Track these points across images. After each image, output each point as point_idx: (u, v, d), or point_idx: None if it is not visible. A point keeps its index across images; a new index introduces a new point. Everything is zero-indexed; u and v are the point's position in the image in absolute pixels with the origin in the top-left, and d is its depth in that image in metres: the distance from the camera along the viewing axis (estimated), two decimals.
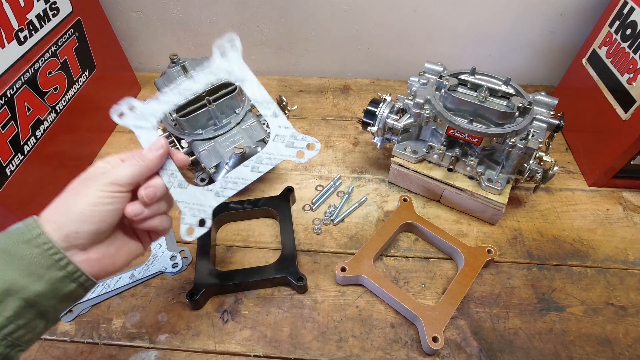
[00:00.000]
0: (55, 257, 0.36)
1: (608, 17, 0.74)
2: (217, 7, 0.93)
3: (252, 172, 0.45)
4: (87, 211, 0.38)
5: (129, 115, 0.45)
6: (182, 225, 0.43)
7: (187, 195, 0.44)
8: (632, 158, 0.68)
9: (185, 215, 0.43)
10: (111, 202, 0.39)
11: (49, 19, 0.69)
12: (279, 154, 0.46)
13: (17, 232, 0.36)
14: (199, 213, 0.44)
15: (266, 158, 0.46)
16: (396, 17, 0.92)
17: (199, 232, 0.43)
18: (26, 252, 0.35)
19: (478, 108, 0.62)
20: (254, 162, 0.45)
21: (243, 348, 0.56)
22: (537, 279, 0.63)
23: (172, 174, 0.44)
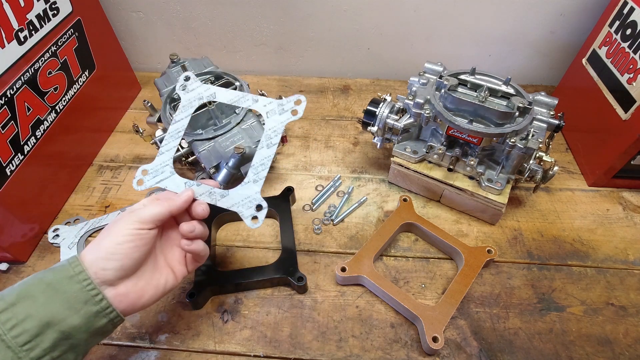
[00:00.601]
0: (92, 293, 0.40)
1: (608, 17, 0.74)
2: (217, 7, 0.93)
3: (269, 149, 0.50)
4: (112, 248, 0.41)
5: (147, 178, 0.51)
6: (246, 219, 0.48)
7: (233, 198, 0.49)
8: (632, 158, 0.68)
9: (243, 212, 0.48)
10: (134, 239, 0.42)
11: (49, 19, 0.69)
12: (279, 122, 0.51)
13: (62, 269, 0.40)
14: (251, 203, 0.49)
15: (272, 132, 0.51)
16: (396, 17, 0.92)
17: (262, 214, 0.48)
18: (68, 288, 0.39)
19: (478, 108, 0.62)
20: (265, 141, 0.51)
21: (243, 348, 0.56)
22: (537, 279, 0.63)
23: (210, 193, 0.49)
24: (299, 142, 0.86)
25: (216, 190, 0.49)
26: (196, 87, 0.55)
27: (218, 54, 1.03)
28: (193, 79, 0.55)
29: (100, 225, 0.70)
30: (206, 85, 0.55)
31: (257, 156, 0.50)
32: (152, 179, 0.51)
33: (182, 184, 0.50)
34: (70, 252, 0.66)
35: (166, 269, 0.47)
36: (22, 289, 0.38)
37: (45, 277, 0.39)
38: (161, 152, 0.52)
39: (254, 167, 0.50)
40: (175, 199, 0.47)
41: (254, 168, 0.50)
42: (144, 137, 0.75)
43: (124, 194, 0.76)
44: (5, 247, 0.62)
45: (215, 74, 0.76)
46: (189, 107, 0.54)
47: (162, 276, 0.46)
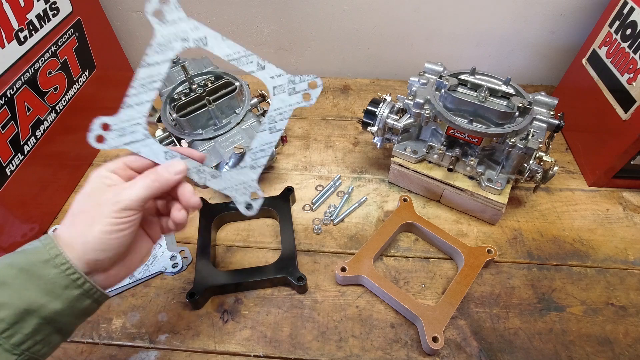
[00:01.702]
0: (73, 277, 0.36)
1: (608, 17, 0.74)
2: (216, 7, 0.93)
3: (272, 134, 0.43)
4: (104, 240, 0.37)
5: (109, 135, 0.40)
6: (239, 205, 0.44)
7: (226, 180, 0.44)
8: (632, 158, 0.68)
9: (236, 197, 0.44)
10: (125, 227, 0.38)
11: (49, 19, 0.69)
12: (287, 104, 0.43)
13: (34, 251, 0.36)
14: (246, 190, 0.44)
15: (277, 115, 0.43)
16: (396, 17, 0.92)
17: (257, 204, 0.44)
18: (44, 272, 0.36)
19: (478, 108, 0.62)
20: (269, 124, 0.43)
21: (243, 348, 0.56)
22: (537, 279, 0.63)
23: (199, 171, 0.43)
24: (299, 142, 0.86)
25: (205, 168, 0.43)
26: (178, 20, 0.41)
27: None
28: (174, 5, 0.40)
29: None
30: (194, 22, 0.41)
31: (257, 140, 0.43)
32: (118, 138, 0.40)
33: (162, 152, 0.41)
34: None
35: (145, 236, 0.44)
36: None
37: (17, 260, 0.36)
38: (128, 104, 0.40)
39: (252, 151, 0.43)
40: (166, 176, 0.40)
41: (252, 153, 0.43)
42: None
43: None
44: (5, 247, 0.62)
45: (215, 74, 0.76)
46: (167, 49, 0.41)
47: (143, 245, 0.44)
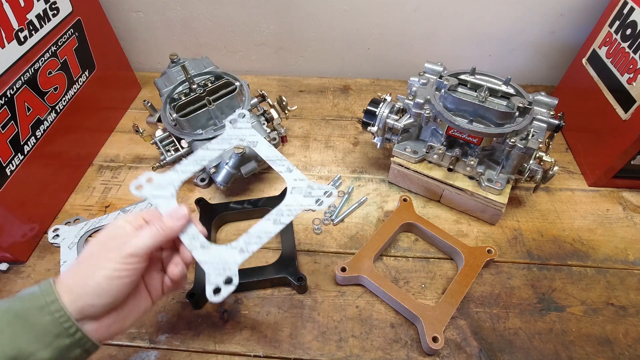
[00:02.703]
0: (65, 325, 0.36)
1: (608, 17, 0.74)
2: (217, 7, 0.93)
3: (275, 225, 0.45)
4: (104, 284, 0.37)
5: (147, 187, 0.46)
6: (208, 285, 0.42)
7: (211, 255, 0.44)
8: (632, 158, 0.68)
9: (210, 275, 0.42)
10: (128, 274, 0.39)
11: (49, 19, 0.69)
12: (298, 204, 0.47)
13: (32, 297, 0.36)
14: (224, 272, 0.43)
15: (286, 210, 0.46)
16: (396, 17, 0.92)
17: (227, 290, 0.42)
18: (38, 319, 0.35)
19: (478, 108, 0.62)
20: (274, 215, 0.46)
21: (243, 348, 0.56)
22: (537, 279, 0.63)
23: (193, 237, 0.44)
24: (299, 142, 0.86)
25: (200, 236, 0.44)
26: (244, 128, 0.53)
27: (218, 54, 1.03)
28: (247, 119, 0.53)
29: (101, 225, 0.70)
30: (252, 130, 0.52)
31: (257, 226, 0.45)
32: (152, 191, 0.46)
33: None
34: (70, 252, 0.66)
35: (144, 292, 0.44)
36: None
37: (14, 306, 0.36)
38: (175, 170, 0.48)
39: (248, 234, 0.45)
40: (170, 224, 0.42)
41: (247, 236, 0.45)
42: (144, 137, 0.74)
43: (124, 194, 0.76)
44: (5, 247, 0.62)
45: (215, 74, 0.76)
46: (227, 142, 0.51)
47: (141, 301, 0.43)
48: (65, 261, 0.65)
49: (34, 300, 0.36)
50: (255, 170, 0.70)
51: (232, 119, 0.53)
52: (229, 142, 0.51)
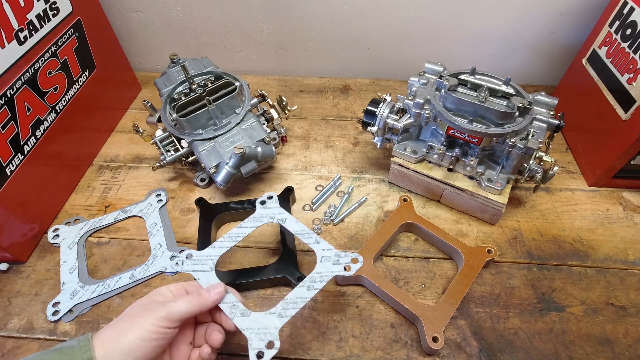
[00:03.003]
0: None
1: (608, 17, 0.74)
2: (217, 7, 0.93)
3: (309, 291, 0.49)
4: (135, 345, 0.39)
5: (187, 262, 0.51)
6: (251, 351, 0.44)
7: (251, 321, 0.47)
8: (632, 158, 0.68)
9: (253, 341, 0.45)
10: (159, 337, 0.40)
11: (49, 19, 0.69)
12: (329, 271, 0.51)
13: (70, 351, 0.38)
14: (265, 336, 0.45)
15: (318, 277, 0.51)
16: (396, 18, 0.92)
17: (270, 354, 0.44)
18: None
19: (478, 108, 0.62)
20: (308, 282, 0.50)
21: (243, 348, 0.56)
22: (537, 279, 0.63)
23: (233, 306, 0.47)
24: (299, 142, 0.86)
25: (239, 305, 0.47)
26: (273, 207, 0.58)
27: (218, 54, 1.03)
28: (275, 200, 0.59)
29: (101, 225, 0.70)
30: (281, 209, 0.58)
31: (293, 293, 0.49)
32: (191, 266, 0.51)
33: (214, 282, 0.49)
34: (70, 252, 0.66)
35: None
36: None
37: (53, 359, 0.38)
38: (213, 246, 0.53)
39: (285, 301, 0.48)
40: (206, 296, 0.45)
41: (285, 302, 0.48)
42: (144, 137, 0.74)
43: (123, 194, 0.76)
44: (5, 247, 0.62)
45: (215, 74, 0.76)
46: (258, 220, 0.57)
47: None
48: (65, 261, 0.65)
49: (71, 354, 0.38)
50: (255, 170, 0.70)
51: (261, 201, 0.59)
52: (260, 221, 0.57)
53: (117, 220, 0.71)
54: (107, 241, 0.69)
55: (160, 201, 0.74)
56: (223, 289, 0.47)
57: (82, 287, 0.61)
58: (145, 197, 0.75)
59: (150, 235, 0.68)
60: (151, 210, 0.72)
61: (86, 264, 0.65)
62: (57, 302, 0.60)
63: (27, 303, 0.61)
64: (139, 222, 0.71)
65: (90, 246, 0.68)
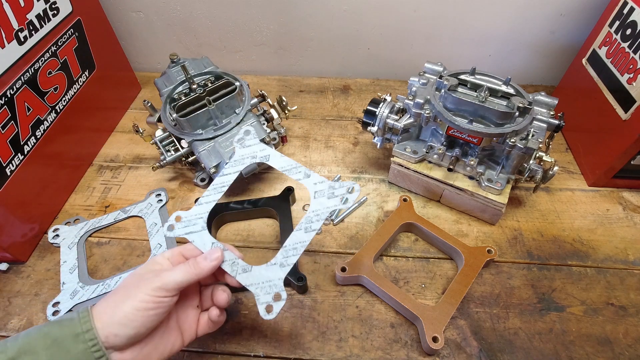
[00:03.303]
0: (96, 355, 0.37)
1: (608, 17, 0.74)
2: (217, 7, 0.93)
3: (307, 233, 0.47)
4: (131, 315, 0.39)
5: (178, 225, 0.49)
6: (260, 306, 0.44)
7: (254, 276, 0.45)
8: (632, 158, 0.68)
9: (259, 296, 0.44)
10: (155, 307, 0.40)
11: (49, 19, 0.69)
12: (324, 207, 0.48)
13: (70, 324, 0.38)
14: (271, 289, 0.45)
15: (314, 216, 0.47)
16: (396, 17, 0.92)
17: (278, 306, 0.44)
18: (72, 346, 0.37)
19: (478, 108, 0.62)
20: (305, 224, 0.47)
21: (243, 348, 0.56)
22: (537, 279, 0.63)
23: (233, 263, 0.46)
24: (299, 142, 0.86)
25: (239, 261, 0.46)
26: (253, 145, 0.54)
27: (218, 54, 1.03)
28: (252, 135, 0.54)
29: (101, 225, 0.70)
30: (262, 144, 0.53)
31: (291, 238, 0.47)
32: (183, 229, 0.48)
33: (210, 243, 0.48)
34: (70, 252, 0.66)
35: (175, 331, 0.44)
36: (25, 342, 0.37)
37: (52, 331, 0.38)
38: (200, 203, 0.50)
39: (284, 249, 0.47)
40: (203, 265, 0.44)
41: (284, 250, 0.46)
42: (144, 137, 0.74)
43: (123, 194, 0.76)
44: (5, 247, 0.62)
45: (215, 74, 0.76)
46: (239, 164, 0.53)
47: (169, 340, 0.43)
48: (65, 261, 0.65)
49: (71, 326, 0.38)
50: (255, 170, 0.70)
51: (239, 139, 0.54)
52: (242, 163, 0.52)
53: (117, 220, 0.71)
54: (107, 241, 0.69)
55: (160, 201, 0.74)
56: (220, 254, 0.45)
57: (82, 287, 0.61)
58: (145, 197, 0.75)
59: (150, 235, 0.68)
60: (151, 210, 0.72)
61: (86, 264, 0.65)
62: (57, 302, 0.60)
63: (27, 303, 0.61)
64: (139, 222, 0.71)
65: (90, 246, 0.68)
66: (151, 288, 0.40)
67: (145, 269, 0.43)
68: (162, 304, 0.40)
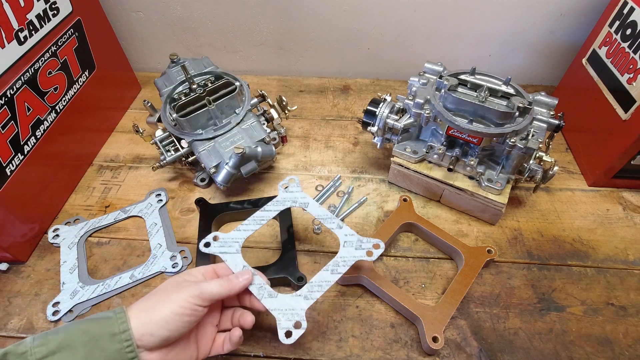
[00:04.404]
0: (129, 355, 0.39)
1: (608, 17, 0.74)
2: (217, 7, 0.93)
3: (333, 275, 0.51)
4: (169, 318, 0.41)
5: (215, 244, 0.53)
6: (280, 330, 0.47)
7: (278, 302, 0.49)
8: (632, 158, 0.68)
9: (281, 321, 0.47)
10: (191, 314, 0.43)
11: (49, 19, 0.69)
12: (351, 256, 0.53)
13: (107, 322, 0.40)
14: (292, 317, 0.48)
15: (342, 261, 0.52)
16: (396, 17, 0.92)
17: (298, 333, 0.46)
18: (108, 345, 0.39)
19: (478, 108, 0.62)
20: (332, 266, 0.52)
21: (243, 348, 0.56)
22: (537, 279, 0.63)
23: (260, 287, 0.50)
24: (299, 142, 0.86)
25: (267, 287, 0.50)
26: (295, 191, 0.59)
27: (218, 54, 1.03)
28: (296, 184, 0.60)
29: (101, 226, 0.70)
30: (303, 193, 0.59)
31: (318, 276, 0.51)
32: (219, 248, 0.53)
33: (241, 265, 0.51)
34: (70, 252, 0.66)
35: (194, 345, 0.46)
36: (65, 337, 0.38)
37: (90, 328, 0.39)
38: (239, 229, 0.55)
39: (311, 284, 0.50)
40: (235, 282, 0.47)
41: (310, 285, 0.50)
42: (144, 137, 0.74)
43: (123, 194, 0.76)
44: (5, 247, 0.62)
45: (215, 74, 0.76)
46: (281, 204, 0.58)
47: (188, 352, 0.45)
48: (65, 261, 0.65)
49: (109, 325, 0.40)
50: (255, 170, 0.70)
51: (282, 184, 0.60)
52: (283, 204, 0.58)
53: (117, 220, 0.71)
54: (107, 241, 0.69)
55: (160, 201, 0.74)
56: (250, 276, 0.49)
57: (82, 287, 0.61)
58: (145, 197, 0.75)
59: (150, 235, 0.68)
60: (151, 210, 0.72)
61: (86, 264, 0.65)
62: (57, 302, 0.60)
63: (27, 303, 0.61)
64: (139, 222, 0.71)
65: (90, 246, 0.68)
66: (190, 295, 0.43)
67: (182, 277, 0.46)
68: (196, 312, 0.43)
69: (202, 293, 0.43)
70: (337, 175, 0.78)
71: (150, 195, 0.75)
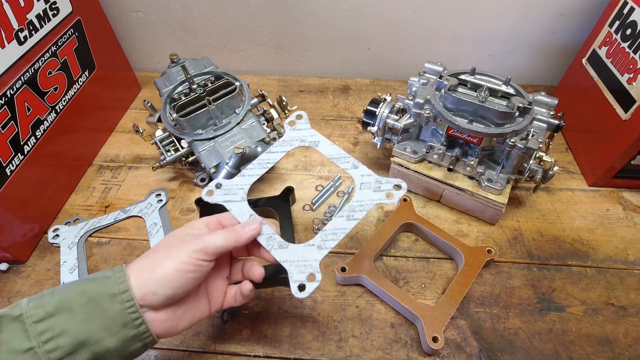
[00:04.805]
0: (133, 316, 0.37)
1: (608, 17, 0.74)
2: (217, 7, 0.93)
3: (349, 221, 0.46)
4: (171, 275, 0.39)
5: (217, 192, 0.48)
6: (292, 283, 0.43)
7: (290, 254, 0.45)
8: (632, 158, 0.68)
9: (293, 274, 0.44)
10: (195, 269, 0.40)
11: (49, 19, 0.69)
12: (369, 199, 0.47)
13: (105, 282, 0.38)
14: (305, 269, 0.44)
15: (358, 206, 0.47)
16: (396, 17, 0.92)
17: (311, 287, 0.43)
18: (109, 306, 0.36)
19: (478, 108, 0.62)
20: (347, 212, 0.46)
21: (243, 348, 0.56)
22: (537, 279, 0.63)
23: (269, 237, 0.45)
24: None
25: (276, 237, 0.45)
26: (304, 129, 0.54)
27: (218, 54, 1.03)
28: (305, 120, 0.54)
29: (101, 226, 0.70)
30: (312, 130, 0.53)
31: (332, 223, 0.46)
32: (222, 196, 0.48)
33: (248, 214, 0.47)
34: (70, 252, 0.66)
35: (204, 299, 0.44)
36: (62, 299, 0.36)
37: (88, 289, 0.37)
38: (242, 174, 0.50)
39: (324, 232, 0.46)
40: (242, 232, 0.43)
41: (324, 234, 0.45)
42: (144, 137, 0.74)
43: (124, 194, 0.76)
44: (5, 247, 0.62)
45: (215, 74, 0.76)
46: (288, 144, 0.53)
47: (199, 307, 0.43)
48: (65, 261, 0.65)
49: (107, 286, 0.37)
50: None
51: (289, 121, 0.54)
52: (290, 144, 0.53)
53: (117, 220, 0.71)
54: (107, 241, 0.69)
55: (160, 201, 0.74)
56: (258, 225, 0.45)
57: None
58: (145, 197, 0.75)
59: (150, 235, 0.68)
60: (151, 210, 0.72)
61: (86, 264, 0.65)
62: None
63: None
64: (139, 222, 0.71)
65: (90, 246, 0.68)
66: (192, 250, 0.39)
67: (184, 231, 0.43)
68: (200, 268, 0.40)
69: (206, 247, 0.40)
70: (337, 175, 0.78)
71: (150, 195, 0.75)
